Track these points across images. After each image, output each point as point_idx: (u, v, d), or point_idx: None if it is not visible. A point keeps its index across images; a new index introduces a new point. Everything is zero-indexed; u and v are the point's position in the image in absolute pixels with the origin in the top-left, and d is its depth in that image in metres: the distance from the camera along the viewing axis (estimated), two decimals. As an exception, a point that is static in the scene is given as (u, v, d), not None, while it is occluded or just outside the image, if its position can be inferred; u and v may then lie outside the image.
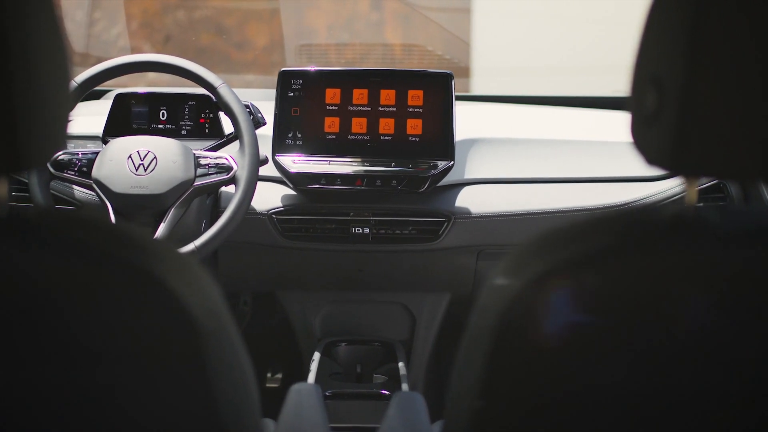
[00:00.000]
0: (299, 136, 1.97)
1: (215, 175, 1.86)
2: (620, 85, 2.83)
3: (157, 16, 4.16)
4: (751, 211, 0.89)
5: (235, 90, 1.92)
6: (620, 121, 2.30)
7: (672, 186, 2.02)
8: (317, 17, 4.07)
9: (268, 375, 2.68)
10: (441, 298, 2.26)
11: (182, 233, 1.89)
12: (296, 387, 1.55)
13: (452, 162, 1.93)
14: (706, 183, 1.98)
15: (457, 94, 1.96)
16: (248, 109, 1.91)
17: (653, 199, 2.01)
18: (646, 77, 0.84)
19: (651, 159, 0.85)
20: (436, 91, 1.94)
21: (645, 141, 0.85)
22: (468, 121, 2.13)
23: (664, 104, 0.81)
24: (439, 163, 1.93)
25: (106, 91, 2.43)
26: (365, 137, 1.96)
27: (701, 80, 0.78)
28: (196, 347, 0.84)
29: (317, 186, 1.95)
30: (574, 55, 3.01)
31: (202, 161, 1.87)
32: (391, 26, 4.05)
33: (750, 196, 1.84)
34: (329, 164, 1.95)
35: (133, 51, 3.68)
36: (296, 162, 1.95)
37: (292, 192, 2.02)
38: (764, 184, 1.81)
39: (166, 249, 0.88)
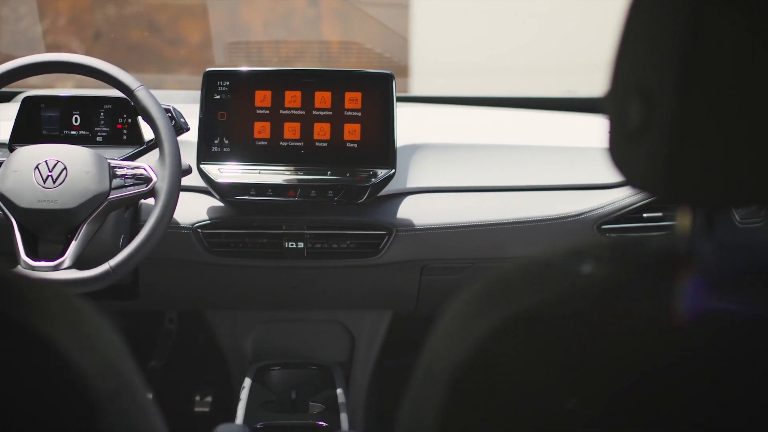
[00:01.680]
0: (226, 142, 1.86)
1: (132, 187, 1.73)
2: (571, 86, 2.76)
3: (87, 12, 4.03)
4: (752, 246, 0.75)
5: (158, 92, 1.81)
6: (573, 124, 2.24)
7: (633, 193, 1.94)
8: (252, 13, 3.98)
9: (197, 399, 2.55)
10: (382, 316, 2.18)
11: (97, 251, 1.76)
12: (221, 429, 1.41)
13: (393, 170, 1.84)
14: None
15: (398, 95, 1.89)
16: (169, 114, 1.79)
17: (611, 207, 1.94)
18: (629, 85, 0.71)
19: (635, 182, 0.72)
20: (376, 92, 1.86)
21: (627, 161, 0.72)
22: (410, 124, 2.05)
23: (652, 118, 0.68)
24: (379, 171, 1.85)
25: (17, 93, 2.26)
26: (299, 144, 1.86)
27: (700, 89, 0.65)
28: (91, 415, 0.71)
29: (246, 197, 1.85)
30: (522, 54, 2.92)
31: (118, 172, 1.74)
32: (329, 23, 3.95)
33: (716, 223, 1.73)
34: (259, 173, 1.85)
35: (61, 48, 3.53)
36: (223, 171, 1.85)
37: (219, 204, 1.91)
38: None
39: (51, 297, 0.74)
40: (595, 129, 2.14)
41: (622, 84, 0.73)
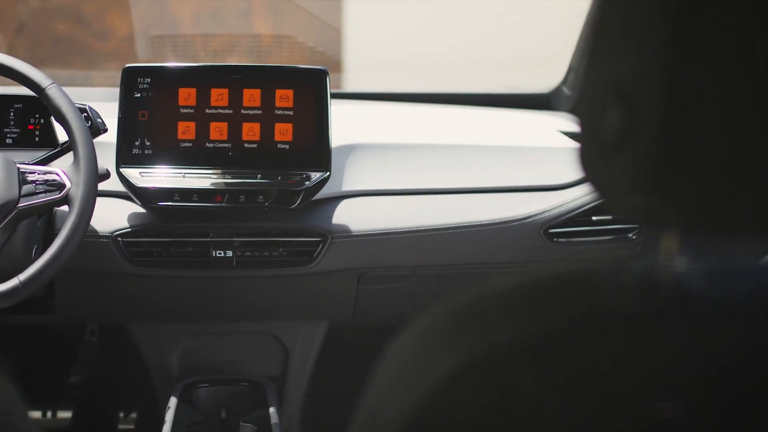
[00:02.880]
0: (148, 144, 1.77)
1: (44, 194, 1.61)
2: (514, 80, 2.69)
3: (9, 3, 3.88)
4: (746, 271, 0.66)
5: (74, 89, 1.72)
6: (518, 122, 2.19)
7: (582, 195, 1.90)
8: (181, 5, 3.88)
9: (120, 416, 2.44)
10: (317, 327, 2.09)
11: (8, 264, 1.65)
12: None
13: (328, 173, 1.78)
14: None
15: (333, 91, 1.81)
16: (85, 114, 1.68)
17: (559, 210, 1.89)
18: (606, 87, 0.61)
19: (613, 200, 0.62)
20: (309, 90, 1.79)
21: (603, 174, 0.63)
22: (345, 123, 1.98)
23: (634, 126, 0.58)
24: (313, 174, 1.77)
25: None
26: (226, 145, 1.78)
27: (692, 94, 0.55)
28: None
29: (170, 203, 1.75)
30: (463, 48, 2.84)
31: (29, 177, 1.62)
32: (261, 15, 3.87)
33: (708, 245, 1.66)
34: (184, 177, 1.76)
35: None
36: (145, 175, 1.76)
37: (141, 210, 1.81)
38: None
39: None
40: (541, 126, 2.13)
41: (597, 86, 0.63)
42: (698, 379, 0.62)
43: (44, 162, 1.75)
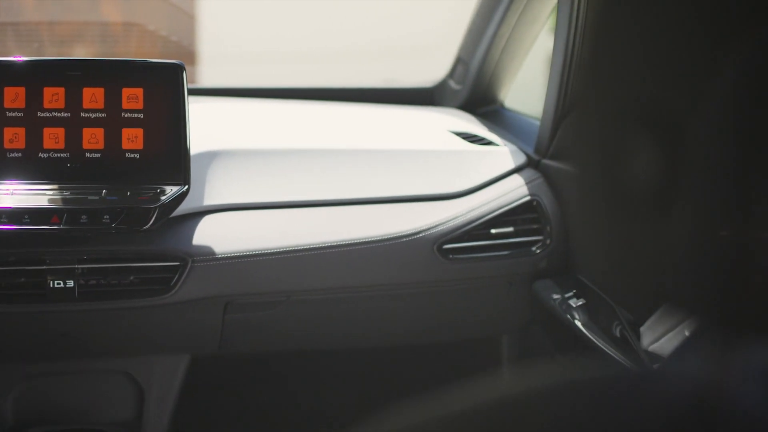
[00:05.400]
0: None
1: None
2: (393, 74, 2.56)
3: None
4: None
5: None
6: (402, 120, 2.12)
7: (480, 204, 1.83)
8: None
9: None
10: (177, 362, 1.92)
11: None
12: None
13: (187, 185, 1.62)
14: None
15: (190, 86, 1.67)
16: None
17: (453, 223, 1.81)
18: (627, 115, 0.41)
19: (642, 295, 0.43)
20: (162, 88, 1.63)
21: (623, 251, 0.43)
22: (206, 126, 1.86)
23: (683, 173, 0.38)
24: (168, 187, 1.62)
25: None
26: (63, 155, 1.60)
27: None
28: None
29: None
30: (336, 36, 2.70)
31: None
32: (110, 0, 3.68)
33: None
34: (12, 195, 1.57)
35: None
36: None
37: None
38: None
39: None
40: (430, 126, 2.06)
41: (608, 112, 0.43)
42: None
43: None
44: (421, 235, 1.77)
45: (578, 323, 1.65)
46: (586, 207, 0.46)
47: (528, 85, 2.26)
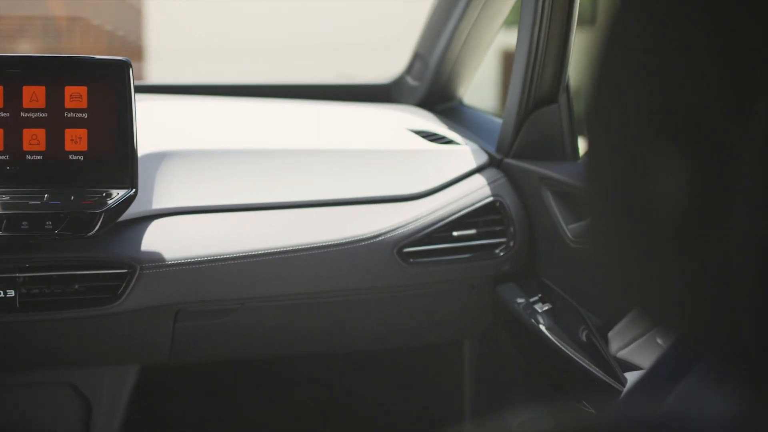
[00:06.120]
0: None
1: None
2: (348, 70, 2.51)
3: None
4: None
5: None
6: (361, 118, 2.09)
7: (441, 206, 1.79)
8: None
9: None
10: (126, 372, 1.89)
11: None
12: None
13: (134, 189, 1.58)
14: (481, 201, 1.82)
15: (137, 83, 1.62)
16: None
17: (414, 226, 1.77)
18: (653, 124, 0.36)
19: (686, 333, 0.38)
20: (107, 86, 1.58)
21: (651, 280, 0.37)
22: (154, 125, 1.81)
23: (722, 196, 0.32)
24: (115, 191, 1.57)
25: None
26: (2, 157, 1.55)
27: None
28: None
29: None
30: (289, 32, 2.65)
31: None
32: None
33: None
34: None
35: None
36: None
37: None
38: None
39: None
40: (388, 124, 2.02)
41: (630, 123, 0.37)
42: None
43: None
44: (380, 238, 1.74)
45: (543, 328, 1.61)
46: (614, 231, 0.41)
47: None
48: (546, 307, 1.67)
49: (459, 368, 2.06)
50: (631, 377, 1.35)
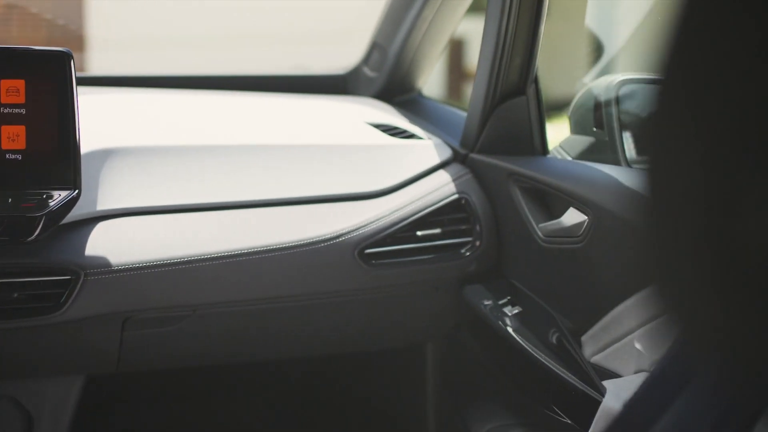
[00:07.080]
0: None
1: None
2: (302, 60, 2.45)
3: None
4: None
5: None
6: (317, 111, 2.04)
7: (404, 204, 1.76)
8: None
9: None
10: (70, 383, 1.82)
11: None
12: None
13: (78, 189, 1.54)
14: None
15: (79, 75, 1.58)
16: None
17: (376, 225, 1.73)
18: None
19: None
20: (46, 79, 1.54)
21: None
22: (97, 120, 1.75)
23: None
24: (57, 192, 1.53)
25: None
26: None
27: None
28: None
29: None
30: (240, 20, 2.60)
31: None
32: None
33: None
34: None
35: None
36: None
37: None
38: None
39: None
40: (346, 117, 1.99)
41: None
42: None
43: None
44: (340, 239, 1.70)
45: (512, 331, 1.57)
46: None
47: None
48: (515, 310, 1.63)
49: (421, 373, 2.02)
50: (609, 385, 1.30)
